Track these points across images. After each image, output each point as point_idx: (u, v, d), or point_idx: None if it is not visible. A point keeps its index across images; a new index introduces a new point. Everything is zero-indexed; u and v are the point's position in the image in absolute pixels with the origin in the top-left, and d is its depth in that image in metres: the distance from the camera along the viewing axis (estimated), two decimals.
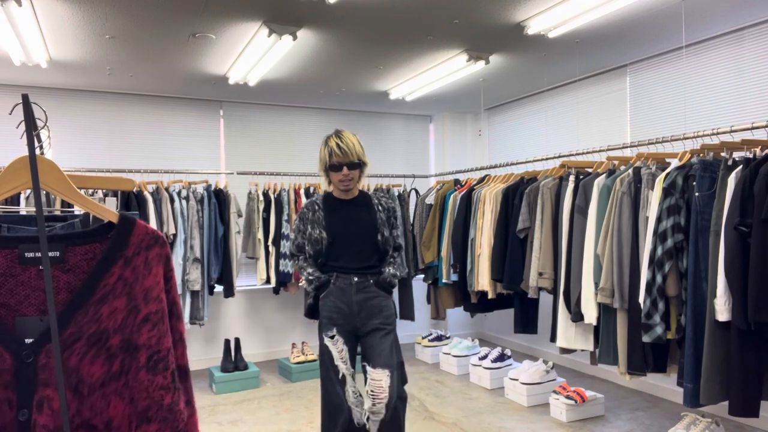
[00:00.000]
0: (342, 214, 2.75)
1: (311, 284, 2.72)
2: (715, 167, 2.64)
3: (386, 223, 2.79)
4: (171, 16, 3.32)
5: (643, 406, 4.00)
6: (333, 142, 2.65)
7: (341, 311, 2.67)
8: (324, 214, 2.74)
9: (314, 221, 2.74)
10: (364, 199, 2.80)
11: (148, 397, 0.94)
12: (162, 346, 0.95)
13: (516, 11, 3.36)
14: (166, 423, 0.95)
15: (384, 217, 2.78)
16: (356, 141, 2.69)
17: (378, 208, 2.78)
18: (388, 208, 2.82)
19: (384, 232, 2.75)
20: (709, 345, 2.52)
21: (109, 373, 0.92)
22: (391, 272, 2.73)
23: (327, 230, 2.70)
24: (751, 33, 3.65)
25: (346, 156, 2.64)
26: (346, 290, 2.68)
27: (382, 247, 2.74)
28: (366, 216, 2.75)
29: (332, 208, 2.76)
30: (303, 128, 5.84)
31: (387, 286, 2.72)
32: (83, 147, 4.99)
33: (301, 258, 2.81)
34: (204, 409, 4.12)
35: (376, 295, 2.69)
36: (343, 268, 2.70)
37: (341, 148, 2.63)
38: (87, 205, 0.98)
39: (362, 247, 2.71)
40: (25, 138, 0.93)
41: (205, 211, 4.58)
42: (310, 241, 2.74)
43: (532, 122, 5.53)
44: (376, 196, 2.84)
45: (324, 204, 2.77)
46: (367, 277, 2.70)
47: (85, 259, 0.93)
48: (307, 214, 2.78)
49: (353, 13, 3.34)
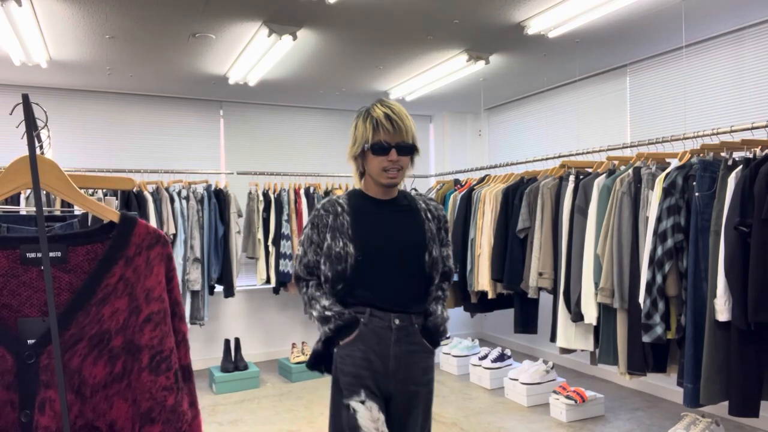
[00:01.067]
0: (377, 220, 1.90)
1: (328, 323, 1.86)
2: (715, 167, 2.64)
3: (436, 236, 1.95)
4: (171, 16, 3.32)
5: (643, 406, 4.00)
6: (380, 112, 1.84)
7: (372, 367, 1.82)
8: (351, 218, 1.88)
9: (335, 228, 1.87)
10: (407, 201, 1.97)
11: (151, 398, 0.93)
12: (164, 347, 0.95)
13: (516, 11, 3.36)
14: (170, 424, 0.95)
15: (434, 228, 1.95)
16: (409, 117, 1.91)
17: (427, 215, 1.95)
18: (439, 216, 1.99)
19: (434, 249, 1.91)
20: (709, 345, 2.52)
21: (112, 374, 0.92)
22: (445, 315, 1.94)
23: (355, 242, 1.84)
24: (751, 33, 3.65)
25: (399, 133, 1.83)
26: (384, 337, 1.82)
27: (428, 272, 1.90)
28: (411, 224, 1.92)
29: (362, 210, 1.91)
30: (303, 128, 5.84)
31: (438, 336, 1.92)
32: (83, 147, 4.99)
33: (311, 284, 1.92)
34: (204, 409, 4.12)
35: (422, 349, 1.88)
36: (378, 302, 1.84)
37: (393, 120, 1.82)
38: (88, 205, 0.97)
39: (406, 270, 1.87)
40: (26, 138, 0.93)
41: (205, 211, 4.57)
42: (328, 258, 1.86)
43: (532, 122, 5.53)
44: (422, 198, 2.02)
45: (350, 204, 1.92)
46: (411, 320, 1.86)
47: (86, 260, 0.93)
48: (324, 218, 1.91)
49: (353, 13, 3.34)
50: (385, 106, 1.87)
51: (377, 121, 1.84)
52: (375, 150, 1.84)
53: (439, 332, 1.91)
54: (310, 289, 1.92)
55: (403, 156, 1.86)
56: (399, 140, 1.83)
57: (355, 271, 1.83)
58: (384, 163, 1.84)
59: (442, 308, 1.94)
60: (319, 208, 1.94)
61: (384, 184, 1.88)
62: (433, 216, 1.97)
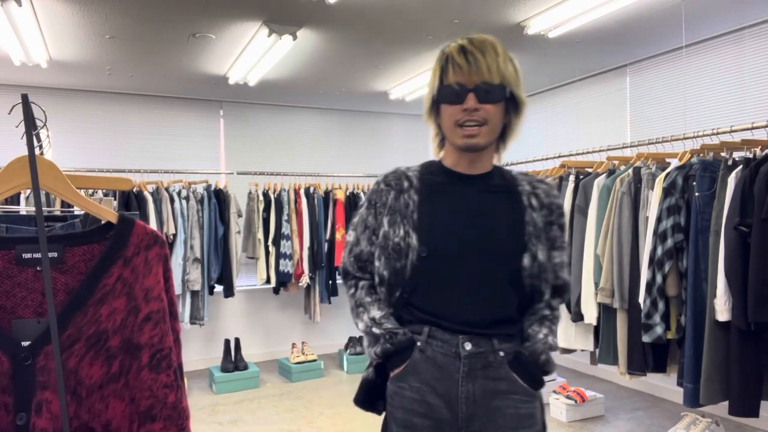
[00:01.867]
0: (456, 203, 1.34)
1: (376, 344, 1.32)
2: (715, 167, 2.64)
3: (543, 233, 1.34)
4: (171, 16, 3.32)
5: (643, 406, 4.00)
6: (453, 46, 1.30)
7: (432, 414, 1.27)
8: (419, 197, 1.35)
9: (397, 210, 1.35)
10: (503, 180, 1.38)
11: (151, 396, 0.94)
12: (164, 345, 0.95)
13: (516, 11, 3.36)
14: (171, 420, 0.95)
15: (540, 221, 1.34)
16: (501, 49, 1.30)
17: (530, 202, 1.35)
18: (550, 205, 1.37)
19: (539, 251, 1.31)
20: (709, 345, 2.52)
21: (108, 374, 0.92)
22: (550, 342, 1.32)
23: (420, 231, 1.30)
24: (751, 33, 3.65)
25: (478, 70, 1.25)
26: (449, 369, 1.27)
27: (529, 282, 1.30)
28: (506, 212, 1.34)
29: (437, 188, 1.37)
30: (303, 128, 5.84)
31: (538, 370, 1.31)
32: (83, 147, 4.99)
33: (362, 285, 1.40)
34: (204, 409, 4.12)
35: (512, 390, 1.28)
36: (442, 317, 1.29)
37: (469, 53, 1.27)
38: (86, 206, 0.98)
39: (490, 276, 1.30)
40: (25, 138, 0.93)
41: (205, 211, 4.58)
42: (384, 251, 1.34)
43: (532, 122, 5.52)
44: (527, 178, 1.40)
45: (422, 179, 1.38)
46: (493, 345, 1.28)
47: (83, 260, 0.93)
48: (384, 194, 1.39)
49: (353, 13, 3.34)
50: (465, 38, 1.31)
51: (448, 57, 1.29)
52: (443, 96, 1.29)
53: (538, 365, 1.29)
54: (359, 292, 1.39)
55: (488, 103, 1.25)
56: (479, 80, 1.24)
57: (416, 271, 1.29)
58: (457, 114, 1.26)
59: (548, 332, 1.32)
60: (379, 182, 1.40)
61: (460, 146, 1.30)
62: (541, 204, 1.35)
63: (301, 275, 4.90)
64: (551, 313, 1.36)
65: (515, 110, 1.33)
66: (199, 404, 4.21)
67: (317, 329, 5.67)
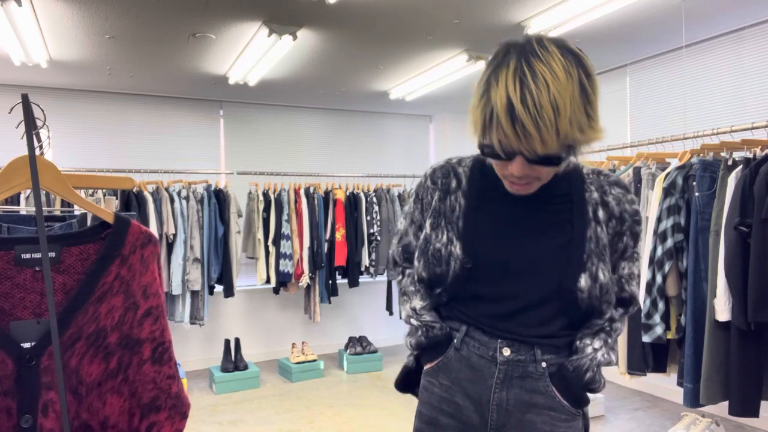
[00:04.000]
0: (508, 213, 1.20)
1: (413, 335, 1.27)
2: (715, 167, 2.64)
3: (611, 248, 1.19)
4: (171, 16, 3.32)
5: (643, 406, 4.00)
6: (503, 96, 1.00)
7: (460, 415, 1.21)
8: (466, 202, 1.23)
9: (441, 213, 1.25)
10: (567, 185, 1.20)
11: (155, 388, 0.96)
12: (165, 338, 0.98)
13: (516, 11, 3.36)
14: (175, 410, 0.98)
15: (607, 236, 1.18)
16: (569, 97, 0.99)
17: (597, 214, 1.19)
18: (622, 214, 1.19)
19: (601, 270, 1.15)
20: (709, 345, 2.52)
21: (106, 371, 0.93)
22: (600, 357, 1.17)
23: (465, 241, 1.20)
24: (751, 33, 3.65)
25: (528, 142, 1.00)
26: (483, 373, 1.19)
27: (588, 303, 1.15)
28: (564, 226, 1.18)
29: (487, 193, 1.23)
30: (303, 128, 5.84)
31: (581, 388, 1.18)
32: (83, 147, 4.99)
33: (409, 272, 1.33)
34: (204, 409, 4.12)
35: (549, 405, 1.17)
36: (482, 319, 1.20)
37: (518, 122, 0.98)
38: (84, 206, 0.98)
39: (538, 298, 1.17)
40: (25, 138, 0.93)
41: (205, 211, 4.58)
42: (424, 255, 1.25)
43: None
44: (599, 181, 1.21)
45: (472, 180, 1.26)
46: (535, 355, 1.17)
47: (79, 260, 0.93)
48: (430, 193, 1.29)
49: (353, 13, 3.34)
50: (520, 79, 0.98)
51: (493, 113, 1.01)
52: (486, 151, 1.09)
53: (584, 381, 1.16)
54: (406, 280, 1.32)
55: (537, 165, 1.05)
56: (528, 148, 1.01)
57: (458, 281, 1.19)
58: (505, 170, 1.10)
59: (602, 345, 1.17)
60: (427, 175, 1.30)
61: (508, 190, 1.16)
62: (611, 215, 1.18)
63: (301, 275, 4.90)
64: (609, 325, 1.19)
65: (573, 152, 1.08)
66: (199, 404, 4.21)
67: (317, 329, 5.67)
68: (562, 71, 0.98)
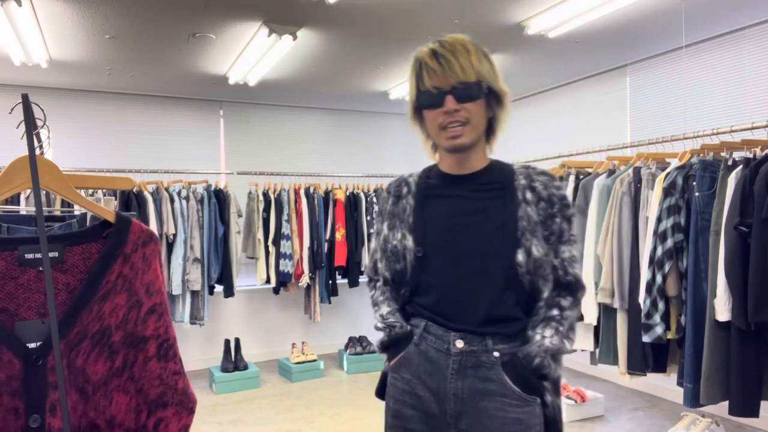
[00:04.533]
0: (449, 205, 1.36)
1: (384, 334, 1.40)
2: (715, 167, 2.64)
3: (542, 227, 1.30)
4: (171, 16, 3.32)
5: (643, 406, 4.00)
6: (425, 50, 1.31)
7: (422, 406, 1.31)
8: (415, 203, 1.40)
9: (396, 215, 1.42)
10: (498, 176, 1.37)
11: (161, 384, 0.97)
12: (170, 335, 0.99)
13: (516, 11, 3.36)
14: (182, 405, 0.99)
15: (537, 216, 1.30)
16: (473, 46, 1.30)
17: (525, 196, 1.32)
18: (550, 197, 1.32)
19: (535, 246, 1.27)
20: (709, 345, 2.52)
21: (112, 369, 0.93)
22: (549, 345, 1.25)
23: (415, 233, 1.36)
24: (751, 33, 3.65)
25: (452, 71, 1.26)
26: (438, 364, 1.29)
27: (528, 279, 1.27)
28: (497, 209, 1.32)
29: (432, 192, 1.41)
30: (303, 128, 5.84)
31: (531, 375, 1.25)
32: (83, 147, 4.99)
33: (378, 284, 1.47)
34: (204, 409, 4.12)
35: (501, 392, 1.25)
36: (437, 314, 1.32)
37: (440, 56, 1.27)
38: (85, 205, 0.99)
39: (481, 274, 1.29)
40: (25, 138, 0.93)
41: (205, 211, 4.58)
42: (384, 254, 1.41)
43: (532, 122, 5.53)
44: (526, 171, 1.37)
45: (419, 184, 1.44)
46: (487, 345, 1.27)
47: (81, 259, 0.94)
48: (386, 203, 1.47)
49: (353, 13, 3.34)
50: (436, 40, 1.31)
51: (421, 63, 1.29)
52: (423, 102, 1.30)
53: (532, 367, 1.23)
54: (375, 292, 1.46)
55: (466, 102, 1.25)
56: (454, 81, 1.25)
57: (416, 272, 1.33)
58: (439, 117, 1.28)
59: (553, 334, 1.25)
60: (385, 189, 1.51)
61: (447, 148, 1.32)
62: (539, 197, 1.31)
63: (301, 275, 4.90)
64: (560, 313, 1.29)
65: (497, 103, 1.34)
66: (199, 404, 4.21)
67: (317, 329, 5.67)
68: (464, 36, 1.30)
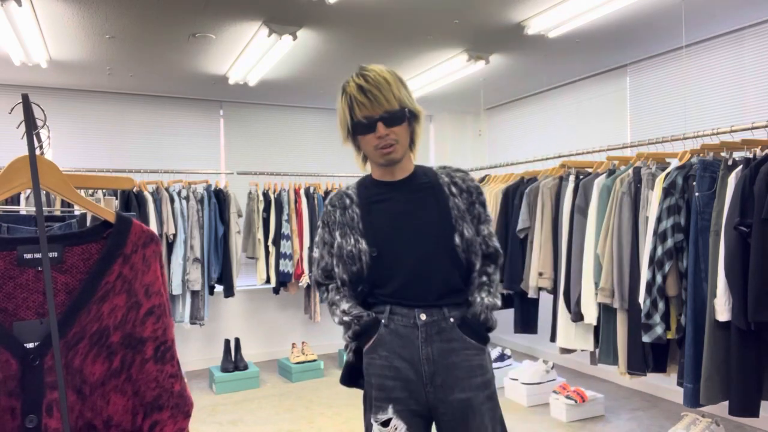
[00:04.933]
0: (391, 207, 1.64)
1: (348, 329, 1.64)
2: (715, 167, 2.64)
3: (468, 213, 1.64)
4: (171, 16, 3.32)
5: (643, 406, 4.00)
6: (353, 85, 1.57)
7: (400, 375, 1.56)
8: (361, 211, 1.65)
9: (345, 224, 1.65)
10: (425, 177, 1.68)
11: (158, 386, 0.97)
12: (168, 337, 0.98)
13: (516, 11, 3.36)
14: (178, 408, 0.98)
15: (463, 205, 1.64)
16: (392, 77, 1.58)
17: (451, 190, 1.65)
18: (469, 188, 1.67)
19: (465, 229, 1.61)
20: (709, 345, 2.52)
21: (109, 370, 0.93)
22: (487, 303, 1.62)
23: (367, 236, 1.61)
24: (751, 33, 3.65)
25: (379, 103, 1.54)
26: (409, 338, 1.56)
27: (464, 256, 1.60)
28: (432, 203, 1.63)
29: (374, 199, 1.66)
30: (303, 128, 5.84)
31: (481, 328, 1.61)
32: (83, 147, 4.99)
33: (331, 287, 1.70)
34: (204, 409, 4.12)
35: (463, 347, 1.58)
36: (400, 298, 1.58)
37: (367, 91, 1.54)
38: (85, 205, 0.98)
39: (433, 258, 1.59)
40: (25, 138, 0.93)
41: (205, 211, 4.58)
42: (340, 260, 1.65)
43: (532, 122, 5.53)
44: (445, 171, 1.71)
45: (360, 194, 1.68)
46: (444, 314, 1.58)
47: (81, 259, 0.94)
48: (332, 214, 1.69)
49: (353, 13, 3.34)
50: (360, 75, 1.57)
51: (351, 98, 1.56)
52: (357, 129, 1.58)
53: (480, 323, 1.59)
54: (330, 294, 1.69)
55: (394, 126, 1.56)
56: (382, 110, 1.54)
57: (372, 269, 1.58)
58: (373, 141, 1.57)
59: (487, 295, 1.62)
60: (327, 204, 1.73)
61: (382, 164, 1.62)
62: (461, 189, 1.65)
63: (301, 275, 4.90)
64: (488, 279, 1.66)
65: (415, 120, 1.64)
66: (199, 404, 4.21)
67: (317, 329, 5.68)
68: (385, 70, 1.58)
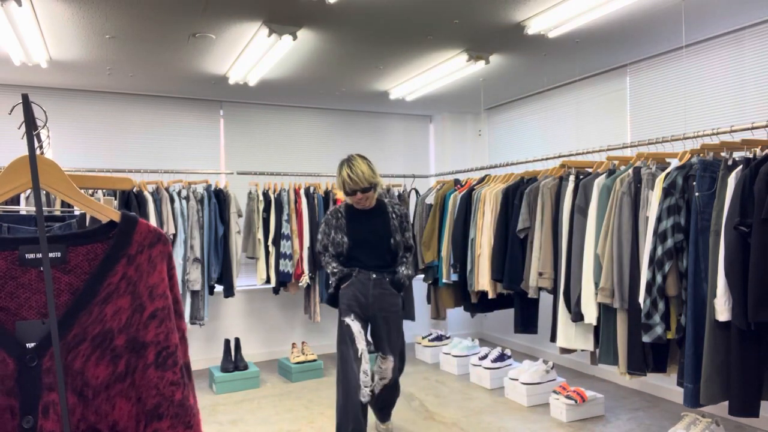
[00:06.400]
0: (361, 223, 3.31)
1: (335, 276, 3.28)
2: (715, 167, 2.64)
3: (399, 228, 3.35)
4: (171, 16, 3.32)
5: (643, 406, 4.00)
6: (345, 173, 3.15)
7: (358, 301, 3.23)
8: (346, 222, 3.31)
9: (337, 227, 3.32)
10: (380, 208, 3.36)
11: (158, 394, 0.93)
12: (170, 342, 0.94)
13: (516, 11, 3.36)
14: (178, 419, 0.94)
15: (397, 224, 3.35)
16: (366, 168, 3.15)
17: (392, 216, 3.35)
18: (401, 215, 3.39)
19: (396, 236, 3.32)
20: (709, 345, 2.52)
21: (114, 374, 0.91)
22: (404, 273, 3.30)
23: (348, 236, 3.28)
24: (751, 33, 3.65)
25: (357, 184, 3.15)
26: (365, 284, 3.25)
27: (394, 249, 3.33)
28: (381, 223, 3.32)
29: (353, 217, 3.32)
30: (303, 128, 5.84)
31: (399, 285, 3.31)
32: (83, 147, 4.99)
33: (327, 255, 3.37)
34: (204, 409, 4.12)
35: (390, 293, 3.28)
36: (363, 266, 3.27)
37: (352, 178, 3.14)
38: (89, 205, 0.97)
39: (378, 249, 3.30)
40: (25, 138, 0.93)
41: (205, 211, 4.57)
42: (333, 244, 3.32)
43: (532, 122, 5.53)
44: (391, 204, 3.40)
45: (346, 213, 3.34)
46: (383, 275, 3.27)
47: (86, 260, 0.92)
48: (331, 220, 3.36)
49: (353, 13, 3.34)
50: (349, 166, 3.18)
51: (343, 180, 3.20)
52: (347, 193, 3.24)
53: (400, 283, 3.31)
54: (326, 257, 3.38)
55: (365, 193, 3.22)
56: (359, 187, 3.18)
57: (348, 250, 3.31)
58: (355, 199, 3.25)
59: (404, 268, 3.34)
60: (328, 215, 3.40)
61: (358, 209, 3.35)
62: (397, 215, 3.39)
63: (301, 275, 4.90)
64: (405, 260, 3.38)
65: (377, 187, 3.28)
66: (199, 404, 4.21)
67: (317, 329, 5.68)
68: (363, 163, 3.23)
